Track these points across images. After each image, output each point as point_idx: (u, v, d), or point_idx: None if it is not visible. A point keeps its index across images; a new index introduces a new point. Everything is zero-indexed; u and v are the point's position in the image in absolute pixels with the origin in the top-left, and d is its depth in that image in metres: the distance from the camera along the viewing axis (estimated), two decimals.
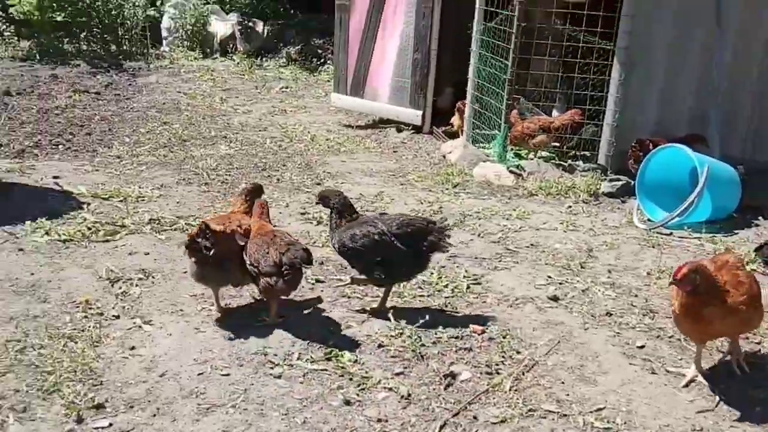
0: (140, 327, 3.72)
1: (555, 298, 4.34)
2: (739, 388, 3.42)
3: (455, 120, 7.60)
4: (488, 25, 6.88)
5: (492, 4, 6.86)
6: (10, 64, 9.52)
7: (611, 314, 4.17)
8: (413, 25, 7.77)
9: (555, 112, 7.27)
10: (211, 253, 3.59)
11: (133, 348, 3.53)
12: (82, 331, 3.63)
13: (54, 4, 10.70)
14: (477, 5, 7.05)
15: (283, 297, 3.83)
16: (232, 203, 4.28)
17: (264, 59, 11.19)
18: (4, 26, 10.45)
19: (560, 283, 4.55)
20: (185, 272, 4.33)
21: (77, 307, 3.87)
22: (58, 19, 10.85)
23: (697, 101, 6.58)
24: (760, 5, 6.44)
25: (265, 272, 3.61)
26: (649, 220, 5.72)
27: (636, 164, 6.14)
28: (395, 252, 3.84)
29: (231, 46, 11.52)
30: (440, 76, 7.86)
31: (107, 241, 4.67)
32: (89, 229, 4.78)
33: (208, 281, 3.81)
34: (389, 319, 3.89)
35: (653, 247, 5.24)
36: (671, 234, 5.48)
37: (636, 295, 4.43)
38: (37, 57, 9.92)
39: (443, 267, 4.67)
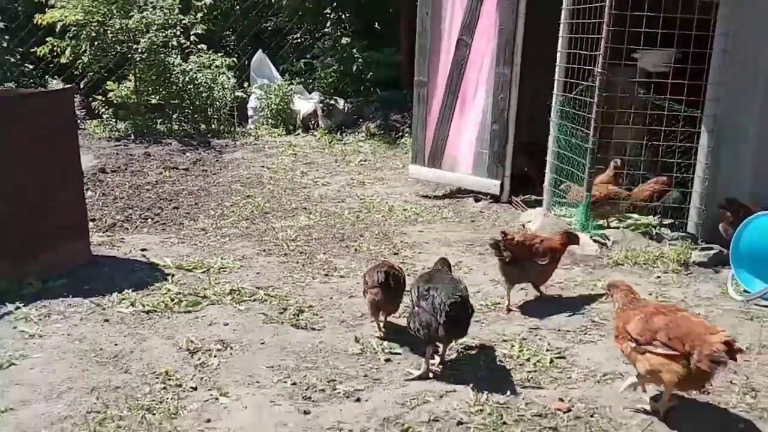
0: (217, 399, 3.71)
1: None
2: None
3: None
4: (569, 96, 6.82)
5: (572, 76, 6.82)
6: (107, 144, 10.08)
7: (709, 392, 3.88)
8: (491, 98, 7.81)
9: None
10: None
11: (209, 421, 3.51)
12: (161, 402, 3.65)
13: (149, 89, 11.37)
14: (556, 77, 7.03)
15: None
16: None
17: (344, 134, 11.47)
18: (104, 109, 11.12)
19: None
20: (263, 343, 4.35)
21: (157, 378, 3.90)
22: (153, 101, 11.50)
23: None
24: None
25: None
26: (745, 291, 5.38)
27: (727, 226, 5.88)
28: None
29: (313, 122, 11.88)
30: (516, 145, 7.83)
31: (189, 311, 4.75)
32: (172, 300, 4.88)
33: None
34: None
35: (752, 320, 4.91)
36: None
37: (735, 372, 4.12)
38: (132, 137, 10.49)
39: (524, 339, 4.51)
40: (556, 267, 5.17)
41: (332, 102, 12.09)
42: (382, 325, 4.56)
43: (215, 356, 4.16)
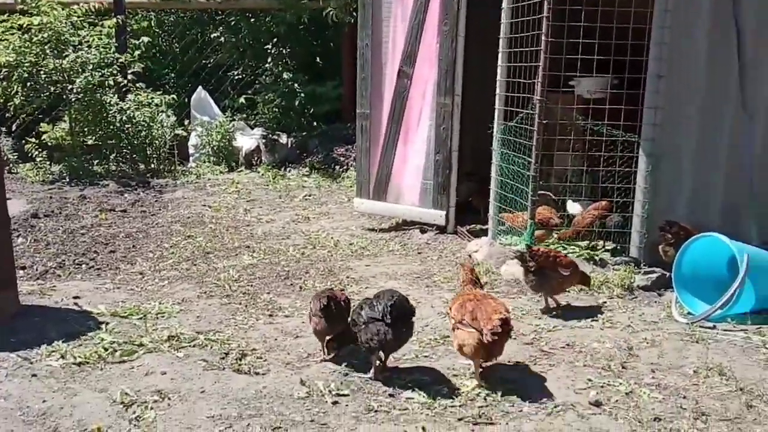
0: None
1: (597, 404, 4.04)
2: None
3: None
4: (509, 124, 6.86)
5: (511, 104, 6.87)
6: (40, 188, 9.69)
7: (660, 419, 3.86)
8: (434, 128, 7.81)
9: (574, 206, 7.12)
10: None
11: None
12: None
13: (85, 129, 11.02)
14: (497, 105, 7.07)
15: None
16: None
17: (288, 169, 11.32)
18: (37, 152, 10.72)
19: (601, 386, 4.26)
20: (203, 391, 4.15)
21: None
22: (89, 142, 11.14)
23: (730, 189, 6.41)
24: None
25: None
26: (689, 313, 5.42)
27: (667, 247, 5.95)
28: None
29: (256, 158, 11.70)
30: (459, 173, 7.83)
31: (123, 361, 4.51)
32: (105, 349, 4.63)
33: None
34: None
35: (697, 342, 4.93)
36: (715, 327, 5.18)
37: (684, 397, 4.11)
38: (67, 179, 10.13)
39: (474, 373, 4.41)
40: (572, 284, 5.63)
41: (275, 137, 11.95)
42: (327, 351, 4.64)
43: (152, 408, 3.94)
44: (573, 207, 7.13)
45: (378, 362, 4.36)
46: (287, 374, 4.42)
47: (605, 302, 5.69)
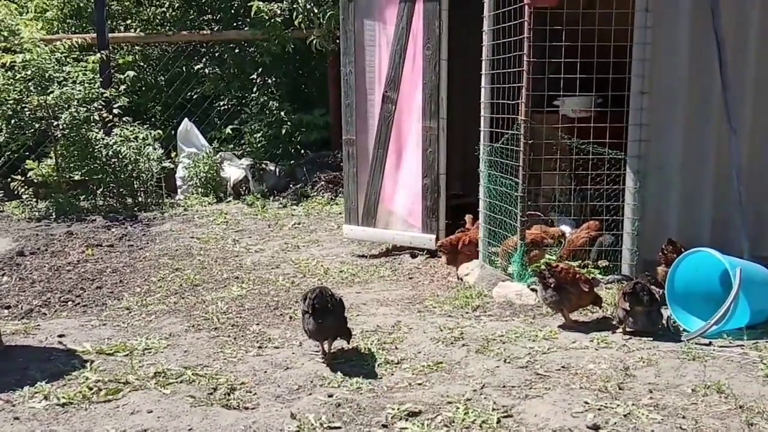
0: None
1: (595, 427, 3.94)
2: None
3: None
4: (495, 146, 6.84)
5: (497, 125, 6.86)
6: (27, 225, 9.60)
7: None
8: (420, 152, 7.78)
9: (562, 226, 7.09)
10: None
11: None
12: None
13: (71, 165, 10.97)
14: (482, 128, 7.05)
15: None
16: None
17: (276, 198, 11.28)
18: (23, 189, 10.65)
19: (599, 409, 4.16)
20: (190, 430, 4.04)
21: None
22: (76, 178, 11.08)
23: (719, 203, 6.38)
24: None
25: None
26: (684, 330, 5.35)
27: (667, 267, 5.89)
28: None
29: (244, 188, 11.65)
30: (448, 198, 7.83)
31: (108, 401, 4.38)
32: (90, 389, 4.50)
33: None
34: None
35: (694, 359, 4.86)
36: (711, 344, 5.10)
37: (684, 417, 4.02)
38: (54, 216, 10.05)
39: (469, 399, 4.32)
40: (588, 302, 5.63)
41: (263, 166, 11.93)
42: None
43: None
44: (562, 227, 7.09)
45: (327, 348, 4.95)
46: (277, 408, 4.31)
47: (599, 321, 5.62)
